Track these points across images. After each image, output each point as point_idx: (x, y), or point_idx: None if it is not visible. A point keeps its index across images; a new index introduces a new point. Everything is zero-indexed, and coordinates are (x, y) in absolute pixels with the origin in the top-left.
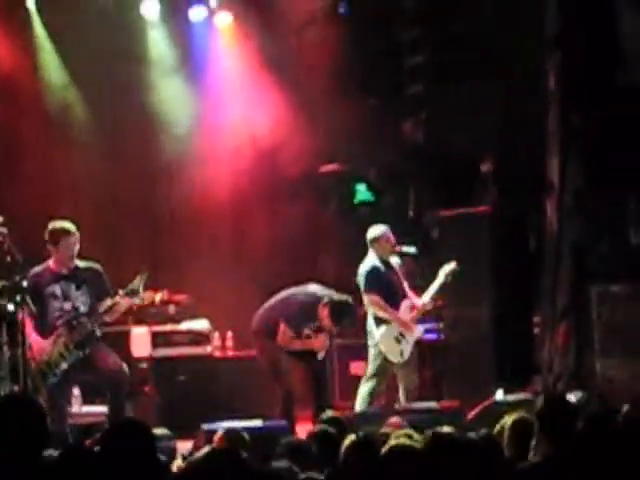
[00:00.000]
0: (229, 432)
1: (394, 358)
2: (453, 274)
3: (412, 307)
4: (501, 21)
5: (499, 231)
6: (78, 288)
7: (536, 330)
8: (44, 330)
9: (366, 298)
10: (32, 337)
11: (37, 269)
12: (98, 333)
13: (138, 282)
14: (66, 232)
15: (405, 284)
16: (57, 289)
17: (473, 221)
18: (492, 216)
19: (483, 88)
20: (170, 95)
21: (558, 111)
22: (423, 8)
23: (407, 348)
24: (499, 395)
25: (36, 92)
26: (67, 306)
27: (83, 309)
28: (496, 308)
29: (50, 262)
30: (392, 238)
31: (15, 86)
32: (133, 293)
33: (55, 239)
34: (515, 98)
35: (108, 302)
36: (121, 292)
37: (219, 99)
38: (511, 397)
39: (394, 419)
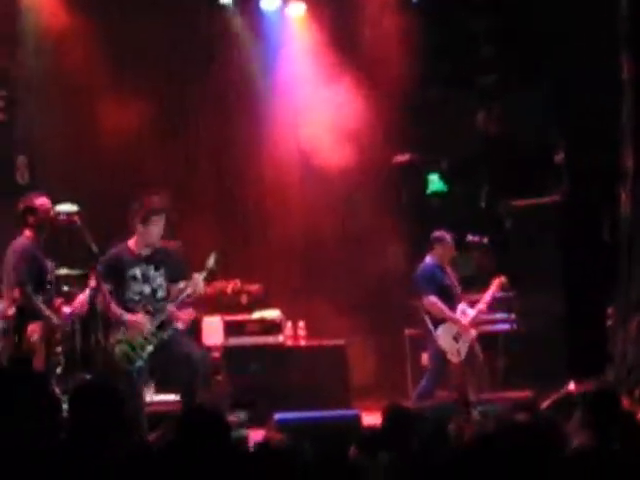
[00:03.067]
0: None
1: (452, 357)
2: (503, 288)
3: (464, 312)
4: (574, 12)
5: (572, 221)
6: (156, 269)
7: (609, 321)
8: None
9: (424, 300)
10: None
11: (116, 250)
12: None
13: (212, 262)
14: (159, 210)
15: (458, 288)
16: (137, 271)
17: (546, 211)
18: (565, 206)
19: (556, 78)
20: None
21: (631, 100)
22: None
23: (464, 348)
24: (572, 385)
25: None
26: (146, 289)
27: (161, 293)
28: (568, 298)
29: (130, 242)
30: (453, 247)
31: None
32: (209, 274)
33: (146, 217)
34: (588, 87)
35: (181, 285)
36: (196, 275)
37: (291, 88)
38: (584, 387)
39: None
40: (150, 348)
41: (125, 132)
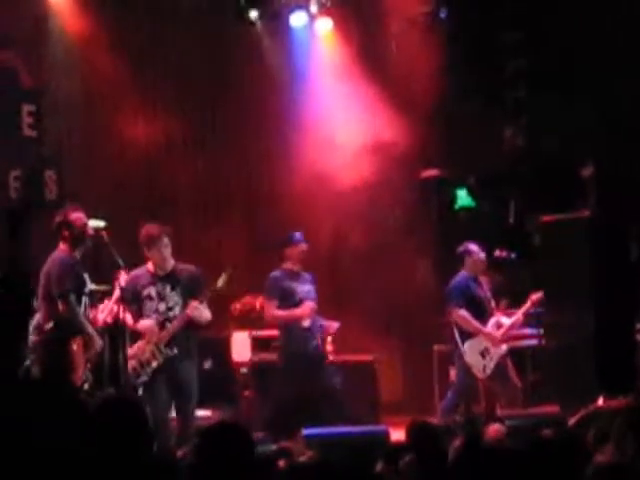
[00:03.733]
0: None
1: (478, 373)
2: (540, 303)
3: (499, 325)
4: (605, 25)
5: (600, 237)
6: (173, 289)
7: (638, 336)
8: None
9: (454, 313)
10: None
11: (137, 271)
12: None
13: (221, 282)
14: (155, 237)
15: (492, 302)
16: (153, 291)
17: (574, 227)
18: (593, 222)
19: (583, 93)
20: None
21: None
22: (524, 13)
23: (490, 365)
24: (600, 401)
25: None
26: (162, 307)
27: (177, 310)
28: (597, 314)
29: (149, 264)
30: (484, 259)
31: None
32: (217, 291)
33: (147, 243)
34: (618, 103)
35: (194, 304)
36: (206, 292)
37: (320, 103)
38: (613, 403)
39: (495, 425)
40: (154, 364)
41: (152, 146)
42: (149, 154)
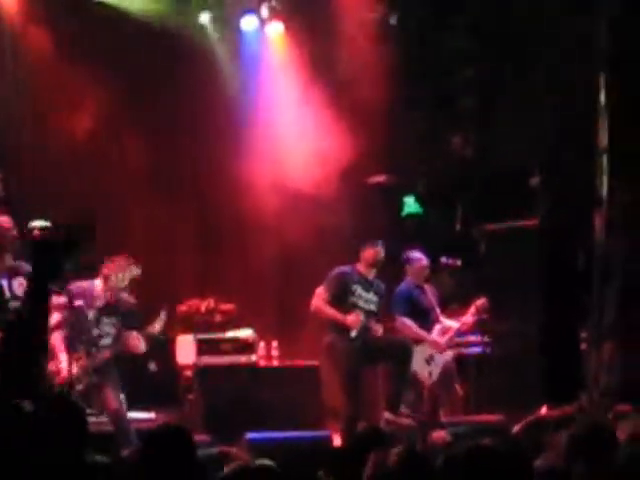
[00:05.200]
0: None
1: (423, 379)
2: (485, 309)
3: (444, 331)
4: (551, 36)
5: (547, 245)
6: (109, 317)
7: (583, 345)
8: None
9: (397, 321)
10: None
11: (84, 286)
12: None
13: (159, 325)
14: (105, 274)
15: (437, 309)
16: (91, 315)
17: (521, 235)
18: (540, 230)
19: (532, 102)
20: None
21: (608, 125)
22: (474, 22)
23: (436, 370)
24: (544, 410)
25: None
26: (95, 332)
27: (107, 340)
28: (542, 322)
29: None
30: (427, 266)
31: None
32: (154, 335)
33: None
34: (565, 113)
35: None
36: (144, 333)
37: (269, 107)
38: (556, 412)
39: (439, 432)
40: (80, 387)
41: (105, 154)
42: (96, 155)
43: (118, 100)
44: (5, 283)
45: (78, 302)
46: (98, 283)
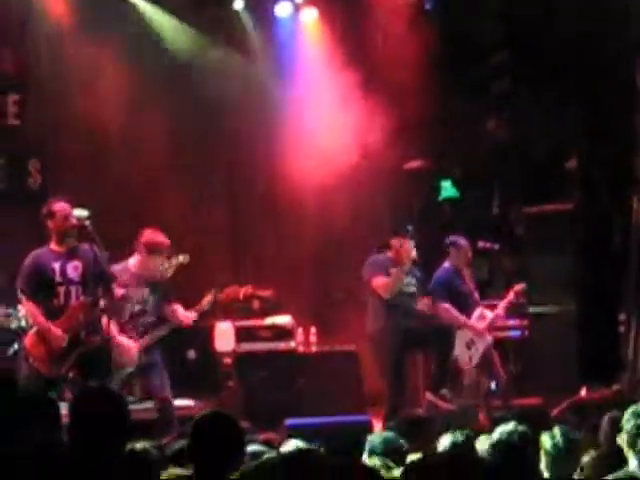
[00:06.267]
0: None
1: (464, 363)
2: (523, 294)
3: (483, 315)
4: (588, 19)
5: (584, 228)
6: (152, 294)
7: (621, 328)
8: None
9: (438, 306)
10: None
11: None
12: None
13: (207, 303)
14: (162, 247)
15: (476, 293)
16: (133, 293)
17: (558, 218)
18: (577, 213)
19: (569, 85)
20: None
21: None
22: (508, 7)
23: (476, 355)
24: (583, 392)
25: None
26: (137, 308)
27: (150, 317)
28: (581, 305)
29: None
30: (469, 251)
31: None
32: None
33: (151, 249)
34: (602, 95)
35: (174, 306)
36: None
37: (304, 94)
38: (596, 394)
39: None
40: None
41: (137, 139)
42: (134, 146)
43: (152, 84)
44: (57, 266)
45: (119, 291)
46: (133, 262)
